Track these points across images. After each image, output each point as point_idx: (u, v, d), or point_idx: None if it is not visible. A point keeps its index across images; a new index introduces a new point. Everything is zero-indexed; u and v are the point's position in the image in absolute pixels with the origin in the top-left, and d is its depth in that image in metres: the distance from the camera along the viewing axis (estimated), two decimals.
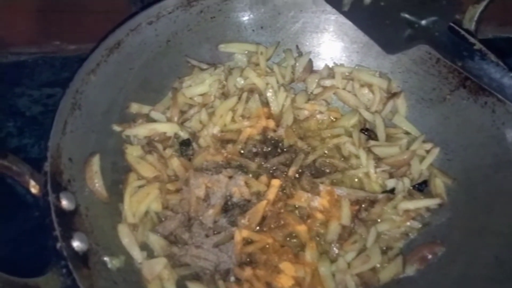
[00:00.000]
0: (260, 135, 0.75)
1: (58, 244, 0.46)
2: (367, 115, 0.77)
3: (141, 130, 0.69)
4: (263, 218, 0.66)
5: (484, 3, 0.69)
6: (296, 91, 0.80)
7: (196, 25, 0.74)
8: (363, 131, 0.76)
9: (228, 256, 0.63)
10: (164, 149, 0.70)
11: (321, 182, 0.70)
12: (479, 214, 0.64)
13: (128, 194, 0.64)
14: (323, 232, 0.67)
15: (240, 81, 0.77)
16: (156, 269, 0.58)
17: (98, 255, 0.54)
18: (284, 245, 0.65)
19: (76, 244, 0.49)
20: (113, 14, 0.73)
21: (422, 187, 0.71)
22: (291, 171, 0.70)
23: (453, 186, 0.69)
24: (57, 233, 0.47)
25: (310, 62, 0.81)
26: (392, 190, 0.70)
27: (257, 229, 0.66)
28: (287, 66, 0.80)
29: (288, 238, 0.66)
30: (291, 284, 0.62)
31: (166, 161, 0.69)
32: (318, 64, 0.82)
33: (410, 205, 0.68)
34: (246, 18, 0.78)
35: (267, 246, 0.65)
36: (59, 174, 0.54)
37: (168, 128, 0.71)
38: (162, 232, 0.64)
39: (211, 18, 0.75)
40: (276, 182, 0.68)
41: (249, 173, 0.70)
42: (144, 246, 0.62)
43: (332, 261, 0.64)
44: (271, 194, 0.67)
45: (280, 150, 0.74)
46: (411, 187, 0.71)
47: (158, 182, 0.67)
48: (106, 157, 0.63)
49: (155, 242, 0.62)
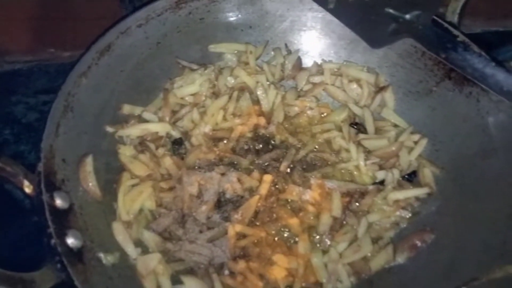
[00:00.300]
0: (251, 133, 0.76)
1: (53, 240, 0.47)
2: (356, 110, 0.78)
3: (133, 131, 0.70)
4: (256, 213, 0.67)
5: None
6: (286, 89, 0.81)
7: (185, 26, 0.75)
8: (353, 125, 0.77)
9: (222, 250, 0.64)
10: (156, 148, 0.71)
11: (312, 176, 0.71)
12: (467, 201, 0.65)
13: (121, 193, 0.65)
14: (315, 224, 0.68)
15: (230, 80, 0.78)
16: (150, 264, 0.59)
17: (93, 252, 0.55)
18: (277, 238, 0.67)
19: (70, 241, 0.50)
20: (106, 21, 0.74)
21: (411, 178, 0.72)
22: (283, 166, 0.71)
23: (441, 175, 0.71)
24: (51, 230, 0.48)
25: (299, 60, 0.82)
26: (382, 182, 0.71)
27: (250, 223, 0.67)
28: (277, 64, 0.81)
29: (281, 231, 0.67)
30: (284, 275, 0.63)
31: (159, 160, 0.70)
32: (307, 61, 0.83)
33: (400, 195, 0.69)
34: (234, 18, 0.78)
35: (260, 239, 0.66)
36: (53, 174, 0.55)
37: (160, 128, 0.72)
38: (156, 229, 0.65)
39: (200, 19, 0.76)
40: (268, 178, 0.69)
41: (241, 169, 0.71)
42: (138, 243, 0.63)
43: (324, 252, 0.65)
44: (263, 189, 0.68)
45: (271, 147, 0.75)
46: (401, 178, 0.72)
47: (152, 181, 0.68)
48: (99, 157, 0.64)
49: (150, 239, 0.63)
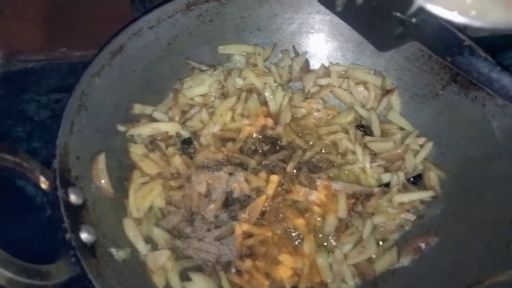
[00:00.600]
0: (259, 133, 0.77)
1: (67, 235, 0.49)
2: (363, 112, 0.79)
3: (144, 130, 0.72)
4: (263, 213, 0.69)
5: None
6: (293, 90, 0.83)
7: (195, 28, 0.77)
8: (359, 128, 0.78)
9: (229, 249, 0.65)
10: (166, 147, 0.72)
11: (318, 177, 0.72)
12: (471, 205, 0.65)
13: (132, 190, 0.66)
14: (321, 225, 0.69)
15: (239, 81, 0.79)
16: (160, 260, 0.61)
17: (105, 247, 0.56)
18: (283, 238, 0.68)
19: (84, 235, 0.52)
20: (117, 21, 0.75)
21: (416, 180, 0.73)
22: (289, 167, 0.72)
23: (446, 179, 0.71)
24: (66, 225, 0.50)
25: (306, 62, 0.83)
26: (387, 184, 0.72)
27: (257, 223, 0.68)
28: (285, 66, 0.83)
29: (287, 231, 0.68)
30: (290, 274, 0.64)
31: (169, 159, 0.71)
32: (314, 63, 0.84)
33: (405, 198, 0.70)
34: (243, 20, 0.80)
35: (267, 239, 0.67)
36: (67, 171, 0.56)
37: (170, 127, 0.73)
38: (165, 226, 0.66)
39: (210, 21, 0.77)
40: (275, 178, 0.70)
41: (248, 169, 0.72)
42: (148, 240, 0.64)
43: (329, 252, 0.66)
44: (270, 190, 0.69)
45: (278, 147, 0.76)
46: (406, 181, 0.72)
47: (161, 179, 0.69)
48: (111, 155, 0.65)
49: (159, 235, 0.65)
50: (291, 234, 0.68)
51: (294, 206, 0.70)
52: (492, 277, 0.57)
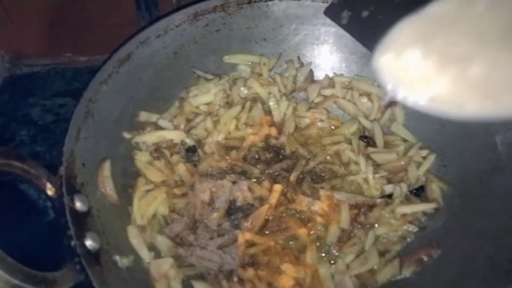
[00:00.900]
0: (262, 142, 0.77)
1: (73, 242, 0.49)
2: (366, 123, 0.80)
3: (149, 137, 0.72)
4: (266, 222, 0.69)
5: None
6: (297, 100, 0.83)
7: (202, 37, 0.78)
8: (362, 138, 0.79)
9: (231, 257, 0.65)
10: (171, 155, 0.73)
11: (321, 187, 0.72)
12: (474, 218, 0.66)
13: (137, 198, 0.67)
14: (323, 235, 0.69)
15: (243, 90, 0.80)
16: (163, 268, 0.61)
17: (109, 254, 0.56)
18: (285, 247, 0.68)
19: (88, 243, 0.52)
20: (122, 27, 0.76)
21: (419, 192, 0.73)
22: (293, 177, 0.73)
23: (448, 191, 0.72)
24: (71, 232, 0.50)
25: (311, 72, 0.84)
26: (390, 195, 0.72)
27: (259, 232, 0.68)
28: (289, 76, 0.83)
29: (289, 241, 0.68)
30: (292, 284, 0.64)
31: (173, 166, 0.72)
32: (319, 74, 0.85)
33: (407, 209, 0.70)
34: (249, 30, 0.81)
35: (269, 248, 0.67)
36: (73, 177, 0.57)
37: (175, 135, 0.74)
38: (169, 234, 0.66)
39: (216, 31, 0.78)
40: (278, 187, 0.71)
41: (252, 178, 0.73)
42: (151, 247, 0.64)
43: (331, 262, 0.66)
44: (273, 199, 0.70)
45: (282, 157, 0.77)
46: (408, 192, 0.73)
47: (165, 187, 0.70)
48: (116, 162, 0.66)
49: (162, 243, 0.65)
50: (294, 244, 0.68)
51: (296, 216, 0.71)
52: None
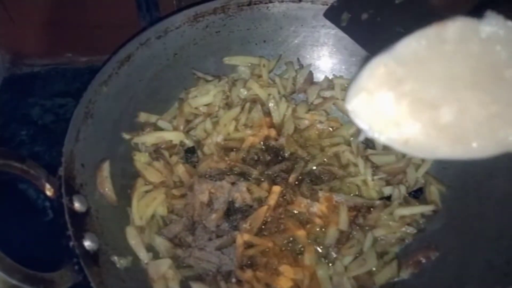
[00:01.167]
0: (262, 144, 0.78)
1: (71, 242, 0.49)
2: None
3: (149, 138, 0.72)
4: (264, 223, 0.69)
5: None
6: (297, 102, 0.83)
7: (202, 39, 0.78)
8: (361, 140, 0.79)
9: (230, 258, 0.65)
10: (170, 156, 0.73)
11: (320, 189, 0.72)
12: (472, 220, 0.66)
13: (136, 199, 0.67)
14: (322, 236, 0.69)
15: (243, 92, 0.80)
16: (161, 269, 0.61)
17: (107, 255, 0.56)
18: (284, 249, 0.68)
19: (87, 243, 0.52)
20: (122, 28, 0.76)
21: (417, 194, 0.73)
22: (291, 178, 0.73)
23: (447, 193, 0.72)
24: (70, 232, 0.50)
25: (310, 74, 0.84)
26: (388, 197, 0.73)
27: (258, 233, 0.68)
28: (289, 77, 0.83)
29: (288, 242, 0.69)
30: (290, 286, 0.64)
31: (172, 167, 0.72)
32: (318, 76, 0.85)
33: (406, 211, 0.70)
34: (249, 32, 0.81)
35: (268, 249, 0.67)
36: (72, 178, 0.57)
37: (174, 136, 0.74)
38: (167, 235, 0.66)
39: (216, 32, 0.78)
40: (276, 189, 0.71)
41: (251, 179, 0.73)
42: (150, 248, 0.64)
43: (329, 264, 0.66)
44: (272, 200, 0.70)
45: (281, 158, 0.77)
46: (407, 194, 0.73)
47: (164, 188, 0.70)
48: (116, 163, 0.66)
49: (161, 244, 0.65)
50: (292, 245, 0.69)
51: (295, 217, 0.71)
52: None
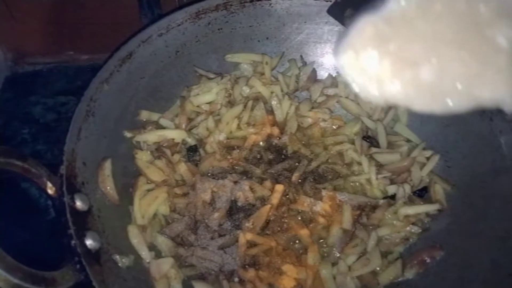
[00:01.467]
0: (264, 142, 0.77)
1: (73, 241, 0.49)
2: (369, 123, 0.79)
3: (150, 136, 0.72)
4: (267, 222, 0.68)
5: None
6: (300, 100, 0.83)
7: (204, 36, 0.77)
8: (365, 139, 0.78)
9: (232, 258, 0.65)
10: (172, 154, 0.72)
11: (323, 188, 0.72)
12: (477, 219, 0.65)
13: (137, 197, 0.66)
14: (325, 236, 0.69)
15: (245, 89, 0.79)
16: (163, 268, 0.61)
17: (109, 254, 0.56)
18: (287, 248, 0.67)
19: (89, 242, 0.52)
20: (124, 26, 0.75)
21: (422, 193, 0.72)
22: (295, 177, 0.72)
23: (452, 192, 0.71)
24: (71, 231, 0.50)
25: (313, 72, 0.83)
26: (393, 196, 0.72)
27: (260, 232, 0.67)
28: (292, 75, 0.83)
29: (291, 242, 0.68)
30: (293, 285, 0.64)
31: (174, 166, 0.71)
32: (322, 73, 0.85)
33: (410, 210, 0.69)
34: (252, 29, 0.80)
35: (270, 248, 0.66)
36: (74, 177, 0.56)
37: (176, 134, 0.74)
38: (169, 234, 0.66)
39: (218, 29, 0.78)
40: (279, 187, 0.70)
41: (253, 178, 0.72)
42: (152, 247, 0.64)
43: (333, 264, 0.66)
44: (275, 199, 0.69)
45: (284, 157, 0.76)
46: (412, 193, 0.72)
47: (166, 186, 0.69)
48: (117, 161, 0.65)
49: (163, 243, 0.65)
50: (295, 245, 0.68)
51: (298, 216, 0.70)
52: None
